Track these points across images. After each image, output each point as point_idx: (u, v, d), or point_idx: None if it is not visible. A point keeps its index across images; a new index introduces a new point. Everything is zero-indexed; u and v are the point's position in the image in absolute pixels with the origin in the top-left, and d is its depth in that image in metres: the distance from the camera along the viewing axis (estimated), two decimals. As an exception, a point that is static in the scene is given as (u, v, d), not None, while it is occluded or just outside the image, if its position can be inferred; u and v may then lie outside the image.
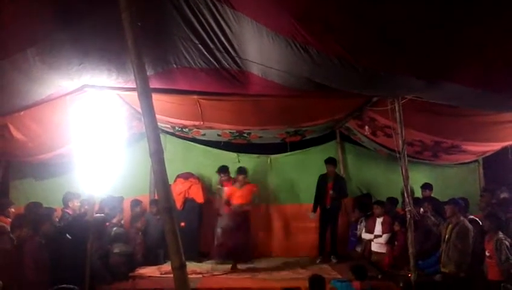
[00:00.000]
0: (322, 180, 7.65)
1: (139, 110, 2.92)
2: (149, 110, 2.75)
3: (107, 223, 6.28)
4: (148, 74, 4.21)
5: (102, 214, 6.09)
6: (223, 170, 7.68)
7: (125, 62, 4.13)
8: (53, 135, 5.92)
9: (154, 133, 2.74)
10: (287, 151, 8.83)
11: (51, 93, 4.76)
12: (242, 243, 6.91)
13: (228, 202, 7.14)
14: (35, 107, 4.99)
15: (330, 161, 7.64)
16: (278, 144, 8.76)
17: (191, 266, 6.59)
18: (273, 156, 8.77)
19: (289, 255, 7.82)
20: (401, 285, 5.28)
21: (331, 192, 7.38)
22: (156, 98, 5.20)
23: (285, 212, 8.36)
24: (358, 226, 7.25)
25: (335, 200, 7.45)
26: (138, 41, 2.81)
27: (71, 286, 2.38)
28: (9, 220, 5.42)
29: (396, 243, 6.40)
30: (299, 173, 8.62)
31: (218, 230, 7.23)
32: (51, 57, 4.00)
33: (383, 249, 6.49)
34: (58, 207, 6.44)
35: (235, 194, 7.10)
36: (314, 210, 7.59)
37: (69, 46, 3.90)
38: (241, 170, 7.32)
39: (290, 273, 6.37)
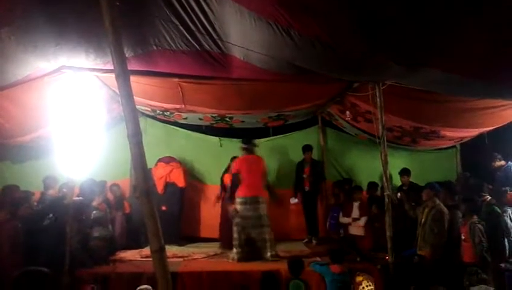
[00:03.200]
0: (300, 166, 7.91)
1: (118, 92, 2.87)
2: (127, 92, 2.70)
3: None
4: (127, 55, 4.16)
5: (81, 198, 6.02)
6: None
7: (104, 43, 4.04)
8: (31, 116, 5.80)
9: (132, 115, 2.69)
10: (269, 136, 8.86)
11: (28, 74, 4.64)
12: None
13: None
14: (12, 88, 4.87)
15: (307, 148, 7.87)
16: (260, 129, 8.77)
17: (172, 249, 6.60)
18: (255, 141, 8.78)
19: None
20: (378, 267, 5.41)
21: (304, 176, 7.66)
22: (136, 80, 5.20)
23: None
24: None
25: (312, 183, 7.64)
26: (116, 21, 2.74)
27: (40, 269, 2.34)
28: (-14, 203, 5.34)
29: (376, 224, 6.51)
30: (281, 157, 8.68)
31: None
32: (26, 37, 3.88)
33: (361, 232, 6.61)
34: (36, 190, 6.35)
35: None
36: (295, 195, 7.77)
37: (44, 26, 3.78)
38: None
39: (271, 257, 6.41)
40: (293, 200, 7.80)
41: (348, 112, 7.12)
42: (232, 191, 6.37)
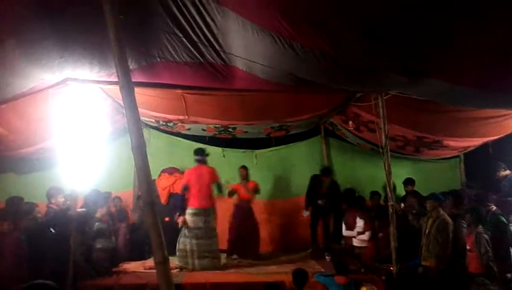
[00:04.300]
0: (316, 182, 7.64)
1: (122, 103, 2.90)
2: (131, 103, 2.73)
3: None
4: (131, 67, 4.19)
5: (85, 209, 6.02)
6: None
7: (108, 55, 4.09)
8: (35, 128, 5.83)
9: (137, 127, 2.72)
10: (272, 146, 8.87)
11: (32, 86, 4.68)
12: None
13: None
14: (16, 100, 4.91)
15: (326, 173, 7.62)
16: (263, 139, 8.80)
17: (175, 261, 6.57)
18: (258, 151, 8.80)
19: (275, 249, 7.85)
20: (383, 278, 5.37)
21: (319, 201, 7.42)
22: (140, 92, 5.24)
23: (270, 207, 8.39)
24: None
25: (329, 202, 7.49)
26: (120, 34, 2.78)
27: (47, 282, 2.34)
28: (-11, 215, 5.33)
29: (381, 234, 6.48)
30: (284, 167, 8.67)
31: None
32: (31, 49, 3.93)
33: (364, 244, 6.56)
34: (40, 202, 6.34)
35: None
36: (307, 207, 7.65)
37: (49, 38, 3.83)
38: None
39: (275, 268, 6.38)
40: (306, 213, 7.65)
41: (350, 122, 7.13)
42: (182, 203, 6.44)
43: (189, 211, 6.33)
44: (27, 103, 5.13)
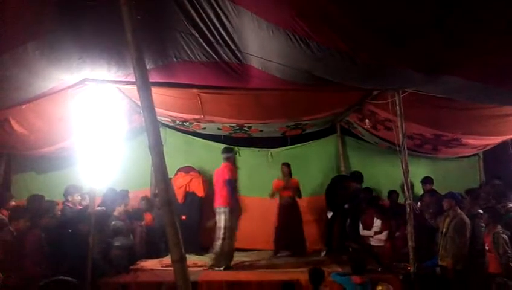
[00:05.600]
0: (339, 184, 7.54)
1: (139, 103, 2.93)
2: (148, 104, 2.76)
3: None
4: (148, 67, 4.24)
5: (103, 208, 6.11)
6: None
7: (125, 56, 4.14)
8: (54, 128, 5.94)
9: (154, 127, 2.75)
10: (287, 145, 8.87)
11: (51, 87, 4.77)
12: None
13: None
14: (36, 100, 5.00)
15: (358, 179, 7.50)
16: (279, 138, 8.80)
17: (192, 259, 6.62)
18: (273, 150, 8.80)
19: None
20: (400, 277, 5.32)
21: (346, 206, 7.29)
22: (156, 91, 5.27)
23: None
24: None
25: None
26: (137, 35, 2.81)
27: (69, 278, 2.38)
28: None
29: (398, 233, 6.43)
30: (299, 166, 8.61)
31: None
32: (51, 51, 4.00)
33: (382, 243, 6.51)
34: (59, 200, 6.46)
35: None
36: (329, 209, 7.57)
37: (69, 40, 3.90)
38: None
39: (291, 266, 6.38)
40: (330, 214, 7.56)
41: (367, 120, 7.07)
42: None
43: None
44: (47, 103, 5.24)
